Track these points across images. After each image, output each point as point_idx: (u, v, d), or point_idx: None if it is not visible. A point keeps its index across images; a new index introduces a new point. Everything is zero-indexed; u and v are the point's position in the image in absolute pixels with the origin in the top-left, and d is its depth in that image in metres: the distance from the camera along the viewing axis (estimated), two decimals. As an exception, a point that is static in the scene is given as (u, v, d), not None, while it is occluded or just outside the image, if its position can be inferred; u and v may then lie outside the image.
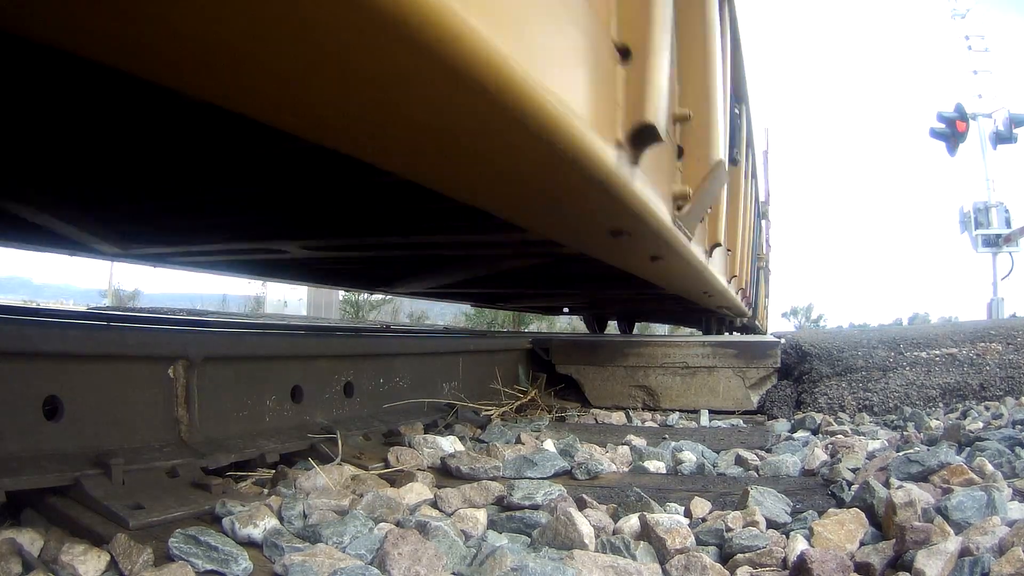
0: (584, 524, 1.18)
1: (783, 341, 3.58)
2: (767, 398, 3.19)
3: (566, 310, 7.26)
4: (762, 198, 8.01)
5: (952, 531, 1.07)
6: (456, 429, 2.29)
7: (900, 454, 1.60)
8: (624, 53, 1.20)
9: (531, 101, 0.80)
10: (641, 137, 1.19)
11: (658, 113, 1.19)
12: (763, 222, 8.63)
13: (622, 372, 3.36)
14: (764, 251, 8.96)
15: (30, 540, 1.05)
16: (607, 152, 1.09)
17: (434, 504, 1.43)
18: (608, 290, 4.36)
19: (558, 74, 0.88)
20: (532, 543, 1.20)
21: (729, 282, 3.56)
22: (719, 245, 2.65)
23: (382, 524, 1.23)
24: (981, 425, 2.26)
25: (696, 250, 2.11)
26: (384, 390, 2.28)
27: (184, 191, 2.43)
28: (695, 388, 3.25)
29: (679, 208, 1.71)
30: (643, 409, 3.24)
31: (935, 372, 3.12)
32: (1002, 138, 16.99)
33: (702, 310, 5.24)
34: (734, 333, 7.08)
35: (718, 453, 2.04)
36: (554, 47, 0.89)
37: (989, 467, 1.48)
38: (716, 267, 2.77)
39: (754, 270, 6.73)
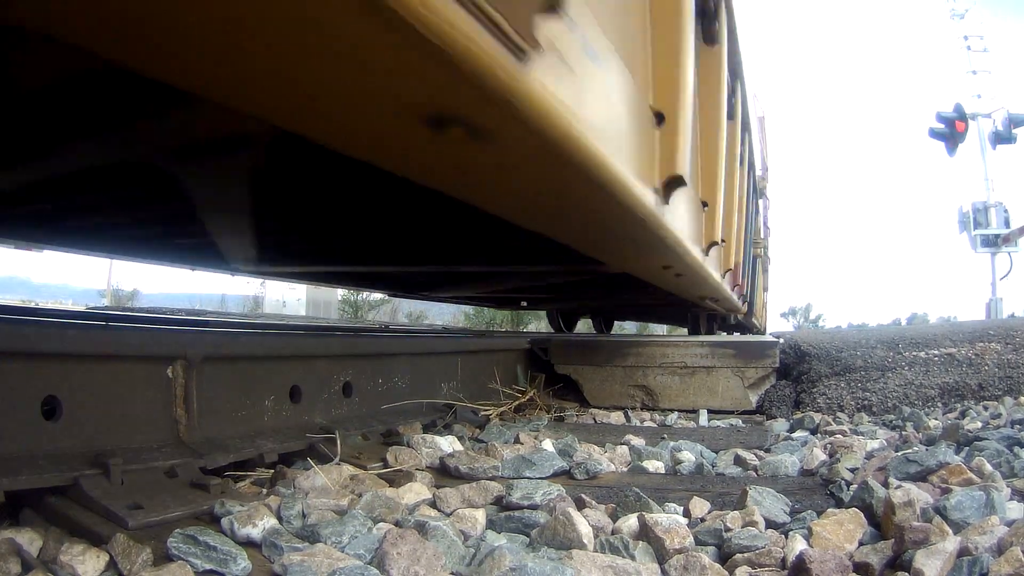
0: (583, 524, 1.18)
1: (782, 341, 3.58)
2: (766, 398, 3.19)
3: (524, 304, 6.45)
4: (759, 172, 6.34)
5: (951, 531, 1.07)
6: (455, 429, 2.29)
7: (899, 454, 1.60)
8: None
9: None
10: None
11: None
12: (761, 201, 7.12)
13: (621, 372, 3.36)
14: (762, 236, 7.32)
15: (29, 540, 1.05)
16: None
17: (433, 504, 1.43)
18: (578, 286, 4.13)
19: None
20: (531, 543, 1.20)
21: (723, 276, 3.31)
22: (715, 243, 2.62)
23: (381, 524, 1.23)
24: (980, 425, 2.26)
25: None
26: (383, 390, 2.28)
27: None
28: (694, 388, 3.25)
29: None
30: (642, 409, 3.24)
31: (934, 372, 3.13)
32: (1001, 138, 17.02)
33: (688, 304, 4.39)
34: (733, 333, 6.31)
35: (717, 453, 2.04)
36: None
37: (988, 467, 1.48)
38: (711, 264, 2.73)
39: (749, 258, 5.66)
